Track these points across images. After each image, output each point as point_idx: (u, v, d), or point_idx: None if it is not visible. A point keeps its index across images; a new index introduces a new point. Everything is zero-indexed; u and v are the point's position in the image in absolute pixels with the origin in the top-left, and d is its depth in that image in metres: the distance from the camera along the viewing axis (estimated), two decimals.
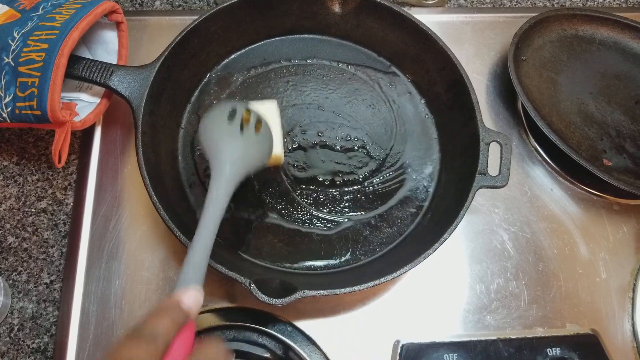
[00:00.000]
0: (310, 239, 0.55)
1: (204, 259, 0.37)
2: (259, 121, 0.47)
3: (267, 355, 0.50)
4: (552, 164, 0.62)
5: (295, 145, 0.59)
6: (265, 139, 0.47)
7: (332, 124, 0.60)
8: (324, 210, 0.56)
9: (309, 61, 0.63)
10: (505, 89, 0.66)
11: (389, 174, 0.58)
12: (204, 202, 0.40)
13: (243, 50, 0.63)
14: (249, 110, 0.46)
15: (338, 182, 0.57)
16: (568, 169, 0.62)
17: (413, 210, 0.57)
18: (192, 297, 0.33)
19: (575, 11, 0.69)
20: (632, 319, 0.56)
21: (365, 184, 0.58)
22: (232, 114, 0.45)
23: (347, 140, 0.59)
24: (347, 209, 0.56)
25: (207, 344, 0.31)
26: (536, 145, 0.63)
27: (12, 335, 0.52)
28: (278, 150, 0.51)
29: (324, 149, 0.59)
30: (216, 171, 0.42)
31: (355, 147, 0.59)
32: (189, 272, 0.36)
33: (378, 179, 0.58)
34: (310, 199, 0.56)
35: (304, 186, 0.57)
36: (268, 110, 0.52)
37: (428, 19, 0.61)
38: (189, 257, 0.36)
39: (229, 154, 0.43)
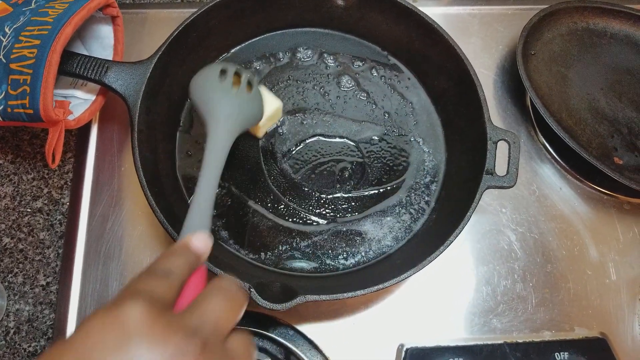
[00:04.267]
0: (313, 240, 0.53)
1: (209, 207, 0.37)
2: (250, 82, 0.47)
3: (268, 359, 0.49)
4: (561, 162, 0.60)
5: (295, 143, 0.57)
6: (257, 97, 0.48)
7: (333, 119, 0.58)
8: (327, 210, 0.55)
9: (311, 55, 0.61)
10: (513, 84, 0.64)
11: (393, 174, 0.57)
12: (203, 155, 0.40)
13: (243, 44, 0.61)
14: (239, 72, 0.46)
15: (339, 181, 0.56)
16: (578, 167, 0.60)
17: (418, 211, 0.55)
18: (201, 239, 0.33)
19: (586, 3, 0.67)
20: None
21: (368, 183, 0.56)
22: (222, 74, 0.45)
23: (348, 137, 0.58)
24: (350, 209, 0.55)
25: (220, 279, 0.31)
26: (545, 142, 0.61)
27: (8, 338, 0.51)
28: (275, 103, 0.52)
29: (324, 146, 0.57)
30: (212, 125, 0.42)
31: (358, 145, 0.57)
32: (195, 218, 0.36)
33: (381, 179, 0.56)
34: (311, 198, 0.55)
35: (304, 184, 0.55)
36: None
37: (433, 11, 0.60)
38: (193, 206, 0.37)
39: (223, 108, 0.43)
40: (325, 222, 0.54)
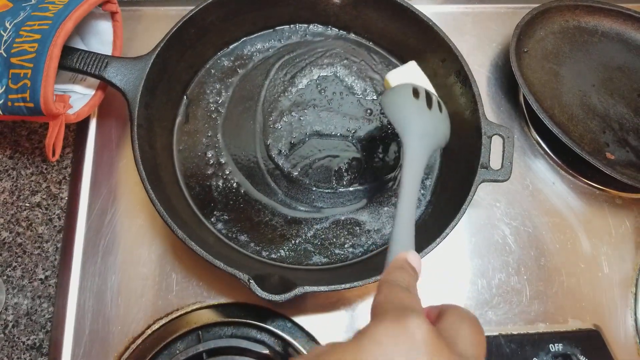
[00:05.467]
0: (311, 233, 0.54)
1: (412, 225, 0.38)
2: (440, 104, 0.48)
3: (266, 351, 0.49)
4: (554, 157, 0.61)
5: (292, 138, 0.58)
6: (446, 119, 0.48)
7: (330, 115, 0.59)
8: (325, 204, 0.55)
9: (307, 52, 0.62)
10: (506, 81, 0.65)
11: (388, 168, 0.57)
12: (401, 174, 0.41)
13: (240, 41, 0.62)
14: (429, 93, 0.48)
15: (335, 175, 0.56)
16: (570, 162, 0.61)
17: None
18: (414, 258, 0.34)
19: (577, 2, 0.68)
20: (635, 314, 0.55)
21: (364, 178, 0.57)
22: (415, 93, 0.47)
23: (344, 133, 0.58)
24: (348, 202, 0.56)
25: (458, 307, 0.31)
26: (538, 138, 0.62)
27: (6, 331, 0.51)
28: None
29: (320, 142, 0.58)
30: (410, 142, 0.43)
31: (354, 141, 0.58)
32: (402, 239, 0.37)
33: (377, 174, 0.57)
34: (309, 192, 0.56)
35: (302, 179, 0.56)
36: (411, 70, 0.53)
37: (429, 9, 0.60)
38: (398, 227, 0.38)
39: (421, 126, 0.45)
40: (322, 214, 0.55)
